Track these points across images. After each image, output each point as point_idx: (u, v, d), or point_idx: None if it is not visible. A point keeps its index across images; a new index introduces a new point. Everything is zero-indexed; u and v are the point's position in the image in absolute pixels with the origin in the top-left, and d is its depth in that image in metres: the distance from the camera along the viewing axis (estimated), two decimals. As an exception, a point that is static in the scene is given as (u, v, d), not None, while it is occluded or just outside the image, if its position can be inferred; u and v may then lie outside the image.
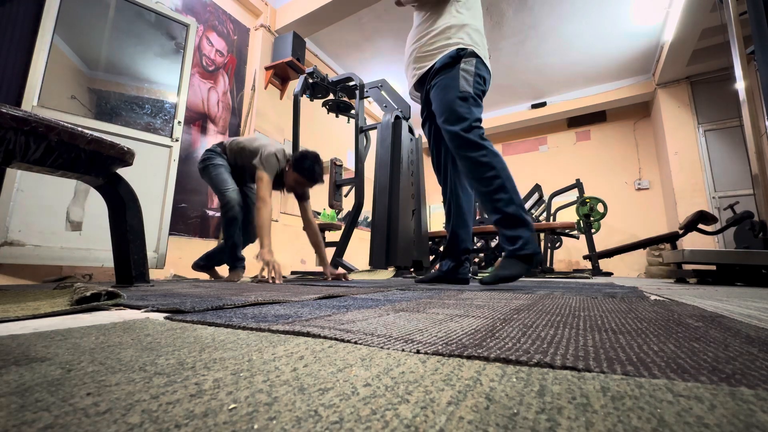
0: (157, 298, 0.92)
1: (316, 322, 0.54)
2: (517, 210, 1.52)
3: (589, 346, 0.39)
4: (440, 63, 1.72)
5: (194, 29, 3.06)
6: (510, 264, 1.51)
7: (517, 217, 1.51)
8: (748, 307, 0.80)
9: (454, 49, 1.70)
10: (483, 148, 1.58)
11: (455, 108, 1.64)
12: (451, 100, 1.66)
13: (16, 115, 1.00)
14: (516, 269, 1.49)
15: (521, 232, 1.50)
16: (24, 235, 2.07)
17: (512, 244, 1.51)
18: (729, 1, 2.55)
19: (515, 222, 1.51)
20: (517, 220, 1.51)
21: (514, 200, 1.52)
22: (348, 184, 3.15)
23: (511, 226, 1.52)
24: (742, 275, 2.16)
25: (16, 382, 0.27)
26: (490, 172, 1.55)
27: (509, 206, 1.52)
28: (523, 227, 1.51)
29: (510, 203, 1.52)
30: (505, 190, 1.53)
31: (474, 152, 1.59)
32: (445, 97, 1.68)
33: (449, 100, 1.66)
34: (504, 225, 1.54)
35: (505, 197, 1.52)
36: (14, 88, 2.19)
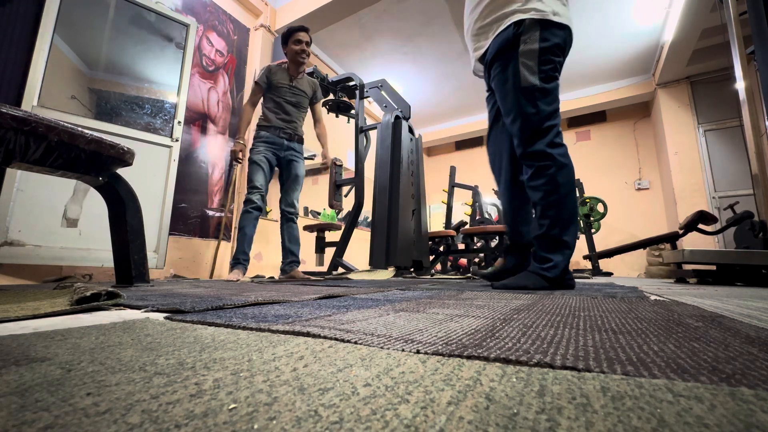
0: (157, 298, 0.92)
1: (316, 322, 0.54)
2: (559, 234, 1.39)
3: (589, 346, 0.39)
4: (494, 48, 1.50)
5: (194, 29, 3.06)
6: (528, 277, 1.41)
7: (557, 240, 1.40)
8: (748, 307, 0.80)
9: (509, 25, 1.44)
10: (548, 158, 1.41)
11: (520, 108, 1.44)
12: (513, 99, 1.46)
13: (16, 115, 1.00)
14: (531, 282, 1.39)
15: (555, 256, 1.39)
16: (24, 235, 2.07)
17: (540, 263, 1.42)
18: (729, 1, 2.55)
19: (553, 245, 1.40)
20: (555, 244, 1.40)
21: (561, 221, 1.39)
22: (348, 184, 3.15)
23: (547, 247, 1.41)
24: (742, 275, 2.16)
25: (16, 382, 0.27)
26: (547, 186, 1.41)
27: (553, 228, 1.40)
28: (558, 252, 1.39)
29: (555, 225, 1.39)
30: (556, 208, 1.40)
31: (538, 162, 1.43)
32: (506, 94, 1.49)
33: (511, 98, 1.47)
34: (540, 243, 1.43)
35: (552, 216, 1.40)
36: (14, 88, 2.19)
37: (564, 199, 1.40)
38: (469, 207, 5.37)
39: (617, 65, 5.59)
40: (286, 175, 2.64)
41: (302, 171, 2.69)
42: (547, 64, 1.42)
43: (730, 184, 4.80)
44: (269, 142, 2.54)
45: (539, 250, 1.43)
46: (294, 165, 2.63)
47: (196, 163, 3.30)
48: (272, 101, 2.58)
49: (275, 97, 2.58)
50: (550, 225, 1.40)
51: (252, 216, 2.43)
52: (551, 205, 1.40)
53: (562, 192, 1.40)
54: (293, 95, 2.63)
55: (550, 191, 1.41)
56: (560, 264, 1.38)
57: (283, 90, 2.58)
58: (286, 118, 2.60)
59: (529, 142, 1.44)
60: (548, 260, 1.39)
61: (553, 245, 1.40)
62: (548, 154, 1.41)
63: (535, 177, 1.44)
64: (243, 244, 2.41)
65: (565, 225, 1.40)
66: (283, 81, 2.58)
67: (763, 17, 2.07)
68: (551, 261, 1.39)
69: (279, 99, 2.58)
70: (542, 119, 1.42)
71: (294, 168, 2.63)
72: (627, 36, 4.90)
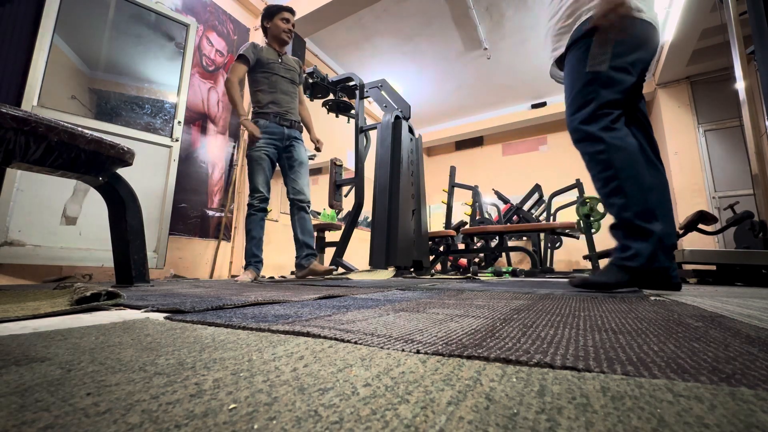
0: (157, 298, 0.92)
1: (316, 322, 0.54)
2: (632, 217, 1.28)
3: (589, 346, 0.39)
4: (570, 40, 1.47)
5: (194, 29, 3.06)
6: (608, 271, 1.31)
7: (631, 224, 1.28)
8: (748, 307, 0.80)
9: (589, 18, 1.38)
10: (600, 141, 1.34)
11: (576, 95, 1.41)
12: (573, 87, 1.43)
13: (16, 115, 1.00)
14: (612, 277, 1.28)
15: (633, 242, 1.27)
16: (24, 235, 2.07)
17: (621, 252, 1.30)
18: (729, 1, 2.55)
19: (628, 230, 1.29)
20: (631, 228, 1.29)
21: (630, 205, 1.29)
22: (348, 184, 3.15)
23: (624, 234, 1.30)
24: (742, 275, 2.16)
25: (16, 382, 0.27)
26: (606, 172, 1.33)
27: (625, 212, 1.29)
28: (637, 237, 1.27)
29: (625, 208, 1.29)
30: (621, 193, 1.31)
31: (590, 147, 1.37)
32: (569, 83, 1.45)
33: (571, 87, 1.44)
34: (616, 231, 1.33)
35: (619, 202, 1.31)
36: (14, 88, 2.19)
37: (624, 183, 1.30)
38: (469, 207, 5.37)
39: (617, 65, 5.59)
40: (289, 162, 2.43)
41: (306, 157, 2.49)
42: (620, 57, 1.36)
43: (730, 184, 4.79)
44: (269, 133, 2.33)
45: (617, 239, 1.33)
46: (297, 150, 2.44)
47: (196, 163, 3.29)
48: (265, 82, 2.35)
49: (268, 75, 2.35)
50: (619, 210, 1.31)
51: (257, 218, 2.31)
52: (613, 191, 1.32)
53: (622, 176, 1.30)
54: (287, 71, 2.43)
55: (609, 177, 1.32)
56: (644, 251, 1.24)
57: (276, 66, 2.37)
58: (284, 100, 2.40)
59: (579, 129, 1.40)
60: (628, 248, 1.27)
61: (629, 230, 1.29)
62: (599, 137, 1.34)
63: (590, 165, 1.39)
64: (252, 247, 2.28)
65: (638, 210, 1.28)
66: (272, 57, 2.38)
67: (763, 17, 2.07)
68: (631, 249, 1.26)
69: (273, 76, 2.36)
70: (598, 105, 1.36)
71: (297, 153, 2.43)
72: (627, 36, 4.90)
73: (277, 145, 2.37)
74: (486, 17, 4.58)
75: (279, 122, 2.36)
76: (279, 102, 2.38)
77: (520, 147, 7.51)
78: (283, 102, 2.39)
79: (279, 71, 2.39)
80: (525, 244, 6.27)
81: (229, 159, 3.60)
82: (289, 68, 2.46)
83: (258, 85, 2.37)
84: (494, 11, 4.50)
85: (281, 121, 2.37)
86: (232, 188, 3.51)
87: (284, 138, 2.40)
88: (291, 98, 2.45)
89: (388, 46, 5.16)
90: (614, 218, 1.33)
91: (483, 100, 6.75)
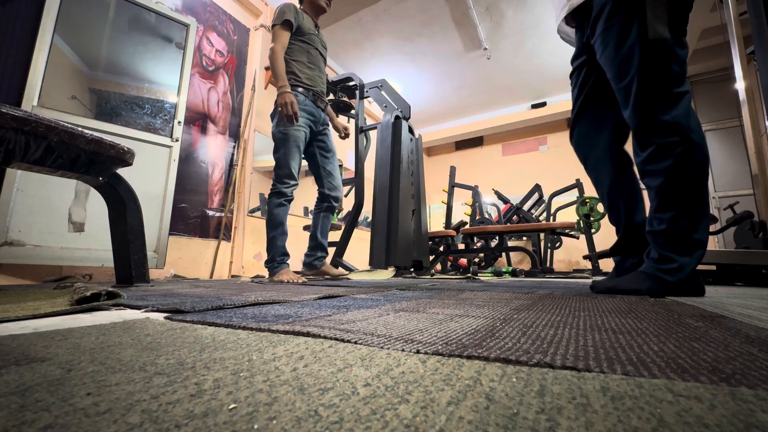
0: (157, 298, 0.92)
1: (316, 322, 0.54)
2: (688, 228, 1.10)
3: (589, 346, 0.39)
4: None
5: (194, 29, 3.06)
6: (638, 278, 1.15)
7: (684, 237, 1.10)
8: (748, 307, 0.80)
9: None
10: (677, 132, 1.09)
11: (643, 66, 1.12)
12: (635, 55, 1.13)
13: (16, 115, 1.00)
14: (643, 286, 1.12)
15: (681, 257, 1.10)
16: (24, 235, 2.07)
17: (659, 263, 1.12)
18: (729, 1, 2.55)
19: (679, 242, 1.11)
20: (683, 241, 1.11)
21: (691, 213, 1.10)
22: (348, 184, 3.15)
23: (670, 245, 1.12)
24: (742, 275, 2.16)
25: (16, 382, 0.27)
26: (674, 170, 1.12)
27: (682, 221, 1.11)
28: (685, 252, 1.10)
29: (684, 217, 1.10)
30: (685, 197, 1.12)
31: (662, 137, 1.12)
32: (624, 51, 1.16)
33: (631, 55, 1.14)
34: (660, 239, 1.14)
35: (678, 207, 1.12)
36: (14, 88, 2.19)
37: (694, 186, 1.10)
38: (469, 207, 5.37)
39: (617, 65, 5.59)
40: (322, 151, 2.17)
41: (335, 145, 2.26)
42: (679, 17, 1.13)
43: (730, 184, 4.80)
44: (308, 113, 2.03)
45: (658, 248, 1.15)
46: (329, 138, 2.19)
47: (196, 163, 3.30)
48: (304, 53, 2.03)
49: (307, 46, 2.04)
50: (676, 217, 1.11)
51: (286, 209, 2.02)
52: (677, 193, 1.11)
53: (693, 178, 1.10)
54: (323, 47, 2.15)
55: (676, 176, 1.10)
56: (687, 267, 1.10)
57: (314, 38, 2.07)
58: (321, 79, 2.12)
59: (652, 110, 1.12)
60: (671, 260, 1.11)
61: (680, 242, 1.11)
62: (678, 126, 1.09)
63: (655, 157, 1.13)
64: (283, 244, 2.00)
65: (696, 218, 1.11)
66: (312, 29, 2.06)
67: (763, 17, 2.07)
68: (675, 262, 1.10)
69: (312, 49, 2.05)
70: (672, 82, 1.10)
71: (330, 142, 2.20)
72: (627, 36, 4.90)
73: (312, 127, 2.09)
74: (486, 17, 4.58)
75: (316, 103, 2.09)
76: (316, 80, 2.10)
77: (520, 147, 7.51)
78: (319, 81, 2.12)
79: (317, 44, 2.11)
80: (525, 244, 6.27)
81: (229, 159, 3.61)
82: (324, 44, 2.20)
83: (295, 55, 2.04)
84: (494, 11, 4.50)
85: (318, 102, 2.10)
86: (232, 188, 3.51)
87: (320, 122, 2.13)
88: (325, 78, 2.20)
89: (388, 46, 5.16)
90: (665, 226, 1.13)
91: (483, 100, 6.75)
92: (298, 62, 2.04)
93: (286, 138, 1.97)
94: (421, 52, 5.29)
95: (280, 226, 2.00)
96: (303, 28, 2.03)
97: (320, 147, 2.18)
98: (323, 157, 2.18)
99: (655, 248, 1.16)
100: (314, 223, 2.21)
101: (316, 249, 2.20)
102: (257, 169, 3.76)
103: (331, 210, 2.22)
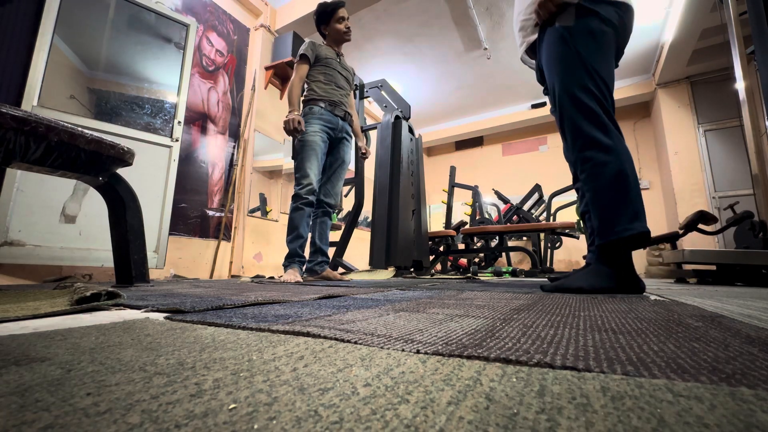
0: (157, 298, 0.92)
1: (316, 322, 0.54)
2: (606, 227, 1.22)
3: (589, 346, 0.39)
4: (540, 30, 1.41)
5: (194, 29, 3.06)
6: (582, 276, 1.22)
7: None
8: (748, 307, 0.80)
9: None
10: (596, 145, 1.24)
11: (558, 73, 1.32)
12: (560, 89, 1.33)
13: (16, 115, 1.00)
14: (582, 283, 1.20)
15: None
16: (24, 235, 2.07)
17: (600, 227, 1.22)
18: (729, 1, 2.55)
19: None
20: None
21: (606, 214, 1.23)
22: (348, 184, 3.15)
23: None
24: (742, 275, 2.16)
25: (16, 382, 0.27)
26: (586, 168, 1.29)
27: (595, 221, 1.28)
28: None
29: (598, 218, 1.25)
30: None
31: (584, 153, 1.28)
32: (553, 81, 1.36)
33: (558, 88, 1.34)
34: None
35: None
36: (14, 88, 2.19)
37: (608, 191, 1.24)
38: (469, 207, 5.38)
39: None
40: (332, 158, 2.31)
41: (351, 156, 2.39)
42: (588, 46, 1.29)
43: (730, 184, 4.79)
44: (324, 120, 2.20)
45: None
46: (345, 148, 2.33)
47: (196, 163, 3.30)
48: (323, 75, 2.26)
49: (326, 70, 2.28)
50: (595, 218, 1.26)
51: (305, 213, 2.09)
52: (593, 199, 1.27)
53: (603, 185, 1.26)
54: (343, 68, 2.37)
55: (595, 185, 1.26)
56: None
57: (333, 62, 2.30)
58: (339, 93, 2.30)
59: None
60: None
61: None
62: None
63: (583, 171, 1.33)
64: (297, 248, 2.09)
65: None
66: (331, 55, 2.31)
67: (763, 17, 2.07)
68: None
69: (331, 70, 2.28)
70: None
71: (344, 152, 2.32)
72: (627, 36, 4.90)
73: (330, 134, 2.24)
74: (486, 17, 4.58)
75: (333, 111, 2.26)
76: (334, 94, 2.28)
77: (520, 147, 7.51)
78: (337, 94, 2.30)
79: (337, 67, 2.32)
80: (525, 244, 6.27)
81: (229, 159, 3.61)
82: (346, 67, 2.42)
83: (314, 77, 2.27)
84: (494, 11, 4.50)
85: (336, 111, 2.27)
86: (232, 188, 3.51)
87: (338, 129, 2.28)
88: (346, 93, 2.37)
89: (388, 46, 5.16)
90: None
91: (483, 100, 6.74)
92: (316, 81, 2.27)
93: (303, 144, 2.13)
94: (420, 52, 5.29)
95: (295, 231, 2.09)
96: (320, 56, 2.27)
97: (334, 154, 2.32)
98: (331, 165, 2.31)
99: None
100: (312, 229, 2.28)
101: (316, 254, 2.26)
102: (257, 169, 3.76)
103: (327, 214, 2.31)
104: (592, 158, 1.26)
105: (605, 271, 1.20)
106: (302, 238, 2.09)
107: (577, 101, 1.28)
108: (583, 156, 1.28)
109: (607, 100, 1.28)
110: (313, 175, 2.10)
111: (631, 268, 1.21)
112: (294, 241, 2.08)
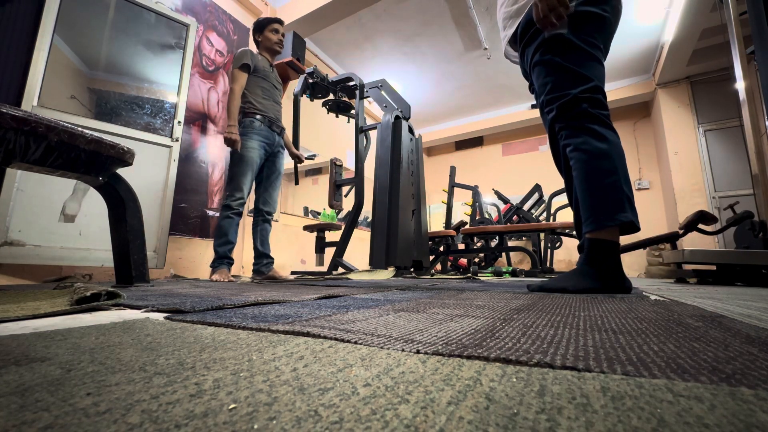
0: (157, 298, 0.92)
1: (316, 322, 0.54)
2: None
3: (589, 346, 0.39)
4: (524, 22, 1.38)
5: (194, 29, 3.06)
6: (567, 277, 1.23)
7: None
8: (748, 307, 0.80)
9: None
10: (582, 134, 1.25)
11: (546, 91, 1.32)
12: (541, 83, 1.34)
13: (16, 115, 1.00)
14: (567, 283, 1.20)
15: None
16: (24, 235, 2.07)
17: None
18: (729, 1, 2.55)
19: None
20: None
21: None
22: (348, 184, 3.15)
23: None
24: (742, 275, 2.16)
25: (16, 382, 0.27)
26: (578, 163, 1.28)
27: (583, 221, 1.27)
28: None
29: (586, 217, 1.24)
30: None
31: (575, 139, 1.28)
32: (538, 80, 1.38)
33: (539, 83, 1.36)
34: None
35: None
36: (14, 88, 2.19)
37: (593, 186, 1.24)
38: (469, 207, 5.38)
39: (617, 65, 5.59)
40: (269, 170, 2.49)
41: (283, 167, 2.59)
42: (584, 38, 1.28)
43: (730, 184, 4.79)
44: (263, 136, 2.37)
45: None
46: (280, 160, 2.51)
47: (196, 163, 3.29)
48: (259, 87, 2.40)
49: (262, 82, 2.41)
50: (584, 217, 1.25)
51: (235, 222, 2.29)
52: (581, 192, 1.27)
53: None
54: (277, 82, 2.54)
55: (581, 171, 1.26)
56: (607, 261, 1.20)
57: (269, 74, 2.45)
58: (275, 108, 2.47)
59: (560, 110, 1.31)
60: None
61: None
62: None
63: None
64: (227, 251, 2.26)
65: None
66: (266, 66, 2.45)
67: (763, 17, 2.07)
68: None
69: (267, 84, 2.43)
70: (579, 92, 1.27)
71: (279, 164, 2.51)
72: (627, 36, 4.90)
73: (267, 150, 2.42)
74: (486, 17, 4.58)
75: (271, 127, 2.43)
76: (271, 109, 2.45)
77: (520, 147, 7.51)
78: (273, 110, 2.47)
79: (272, 80, 2.48)
80: (525, 244, 6.27)
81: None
82: (278, 80, 2.58)
83: (251, 88, 2.39)
84: (494, 11, 4.50)
85: (273, 127, 2.44)
86: (232, 188, 3.50)
87: (274, 144, 2.46)
88: (280, 108, 2.54)
89: (388, 46, 5.16)
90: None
91: (483, 100, 6.74)
92: (254, 94, 2.39)
93: (239, 159, 2.29)
94: (420, 52, 5.29)
95: (224, 237, 2.26)
96: (258, 68, 2.40)
97: (269, 167, 2.50)
98: (268, 176, 2.50)
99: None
100: (254, 236, 2.48)
101: (261, 257, 2.46)
102: (257, 169, 3.76)
103: (267, 221, 2.49)
104: (582, 146, 1.25)
105: (590, 272, 1.19)
106: (231, 243, 2.28)
107: (568, 102, 1.27)
108: (574, 143, 1.28)
109: (597, 95, 1.27)
110: (246, 189, 2.30)
111: (618, 268, 1.18)
112: (223, 245, 2.26)
